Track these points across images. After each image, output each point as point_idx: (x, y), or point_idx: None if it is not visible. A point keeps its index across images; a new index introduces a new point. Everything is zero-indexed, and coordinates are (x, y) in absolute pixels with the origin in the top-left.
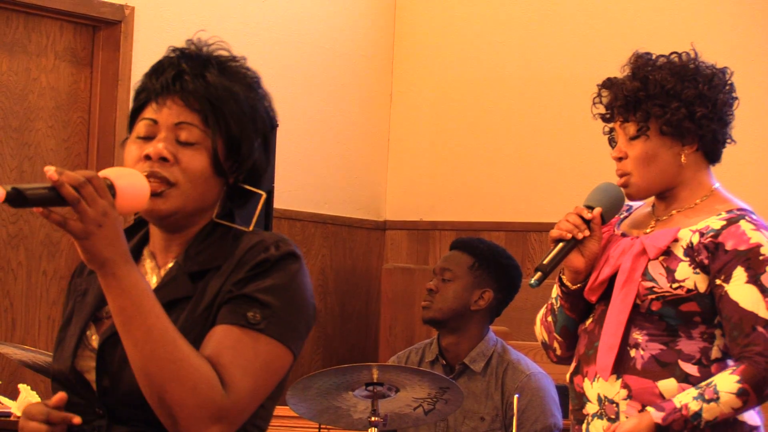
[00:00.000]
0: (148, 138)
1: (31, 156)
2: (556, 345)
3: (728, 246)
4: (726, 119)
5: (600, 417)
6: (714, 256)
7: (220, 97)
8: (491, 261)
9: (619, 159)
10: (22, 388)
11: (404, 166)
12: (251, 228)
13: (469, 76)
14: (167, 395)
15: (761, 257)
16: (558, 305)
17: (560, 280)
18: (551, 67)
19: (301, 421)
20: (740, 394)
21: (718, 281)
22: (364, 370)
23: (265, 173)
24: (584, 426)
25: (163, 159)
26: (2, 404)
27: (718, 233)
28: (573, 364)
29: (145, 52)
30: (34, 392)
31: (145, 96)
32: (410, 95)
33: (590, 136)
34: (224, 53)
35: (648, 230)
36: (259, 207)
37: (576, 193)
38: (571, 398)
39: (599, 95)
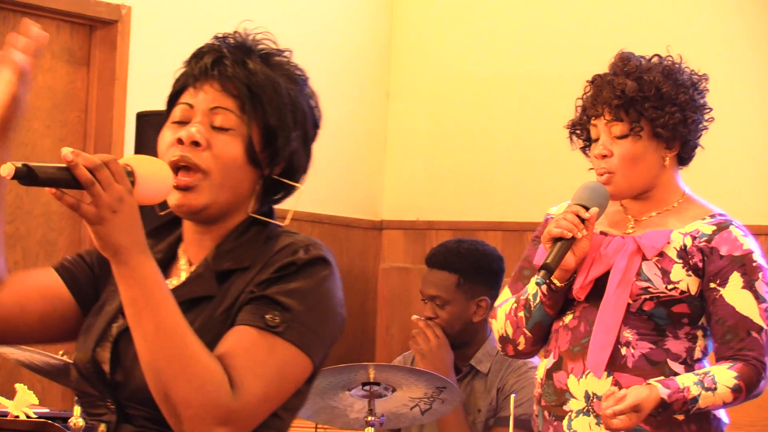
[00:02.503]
0: (183, 122)
1: (27, 156)
2: (522, 340)
3: (723, 251)
4: (704, 126)
5: (586, 414)
6: (709, 260)
7: (259, 84)
8: (474, 271)
9: (603, 157)
10: (19, 387)
11: (401, 166)
12: (286, 222)
13: (467, 74)
14: (173, 392)
15: (754, 264)
16: (536, 302)
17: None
18: (549, 65)
19: (298, 421)
20: (735, 389)
21: (712, 284)
22: (360, 370)
23: (304, 170)
24: (565, 422)
25: (195, 143)
26: None
27: (711, 238)
28: (552, 360)
29: (141, 52)
30: (31, 392)
31: (182, 81)
32: (407, 94)
33: None
34: (270, 45)
35: (629, 230)
36: (295, 202)
37: (573, 193)
38: (545, 394)
39: (590, 91)
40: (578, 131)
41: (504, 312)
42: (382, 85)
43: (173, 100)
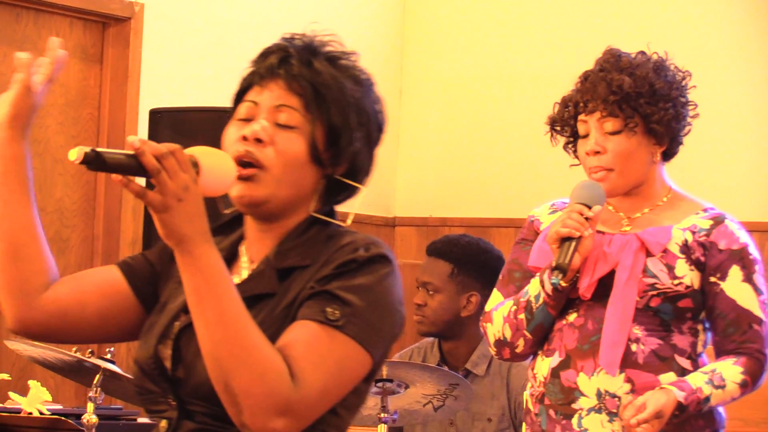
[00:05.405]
0: (248, 120)
1: (41, 153)
2: (521, 342)
3: (721, 245)
4: (689, 122)
5: (598, 411)
6: (709, 254)
7: (324, 84)
8: (469, 264)
9: (596, 153)
10: (32, 384)
11: (413, 162)
12: (348, 222)
13: (479, 72)
14: (234, 381)
15: (750, 257)
16: (539, 303)
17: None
18: (561, 63)
19: None
20: (742, 384)
21: (712, 279)
22: None
23: (366, 172)
24: (575, 420)
25: (259, 140)
26: (12, 400)
27: (709, 232)
28: (559, 359)
29: (154, 49)
30: (44, 388)
31: (249, 80)
32: (420, 92)
33: None
34: (337, 47)
35: (626, 228)
36: (357, 202)
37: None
38: (550, 393)
39: (582, 87)
40: (558, 127)
41: (501, 315)
42: (394, 82)
43: (239, 98)
